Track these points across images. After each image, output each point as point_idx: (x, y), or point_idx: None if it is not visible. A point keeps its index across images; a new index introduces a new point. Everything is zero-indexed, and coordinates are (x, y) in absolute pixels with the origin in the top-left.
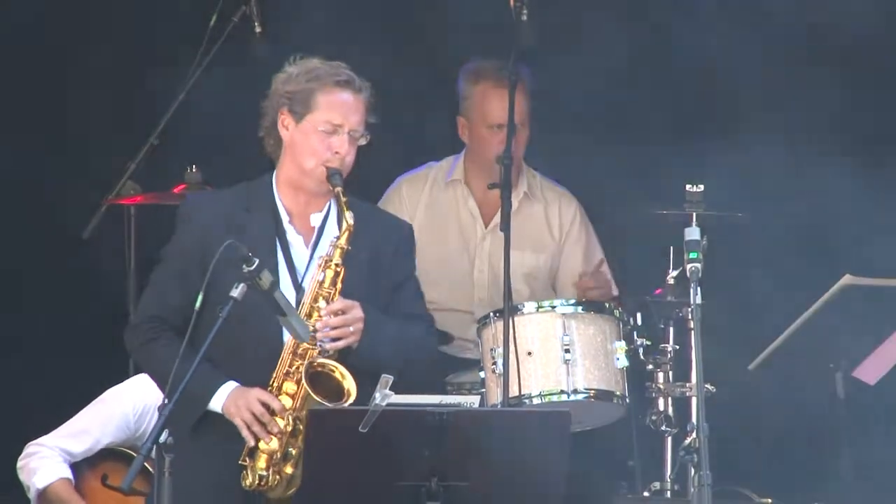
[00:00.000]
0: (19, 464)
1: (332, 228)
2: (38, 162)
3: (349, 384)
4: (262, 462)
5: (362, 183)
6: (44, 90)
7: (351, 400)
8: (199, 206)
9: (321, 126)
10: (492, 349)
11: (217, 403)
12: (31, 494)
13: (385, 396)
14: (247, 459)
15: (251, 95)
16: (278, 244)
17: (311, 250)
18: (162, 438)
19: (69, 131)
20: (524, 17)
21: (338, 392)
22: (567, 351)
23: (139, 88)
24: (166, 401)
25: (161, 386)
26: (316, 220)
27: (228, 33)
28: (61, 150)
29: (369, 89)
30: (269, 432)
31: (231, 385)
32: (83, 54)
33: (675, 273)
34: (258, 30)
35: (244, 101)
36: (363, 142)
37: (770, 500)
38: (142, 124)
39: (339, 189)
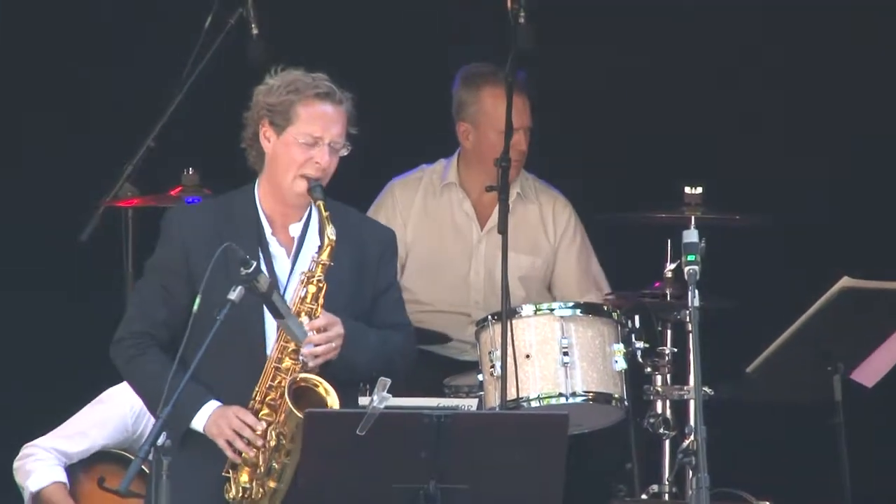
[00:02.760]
0: (15, 465)
1: (312, 238)
2: (36, 163)
3: (333, 400)
4: (244, 475)
5: (355, 187)
6: (43, 92)
7: None
8: (181, 219)
9: (301, 138)
10: (490, 352)
11: (199, 423)
12: (25, 496)
13: (382, 399)
14: (230, 471)
15: (248, 98)
16: (261, 255)
17: (293, 261)
18: (160, 441)
19: (67, 133)
20: (522, 20)
21: (321, 407)
22: (565, 354)
23: (135, 90)
24: (162, 406)
25: (147, 402)
26: (295, 230)
27: (225, 35)
28: (58, 153)
29: (350, 101)
30: (251, 445)
31: (213, 405)
32: (80, 55)
33: (672, 266)
34: (255, 31)
35: (241, 103)
36: (344, 152)
37: (768, 503)
38: (138, 126)
39: (320, 203)
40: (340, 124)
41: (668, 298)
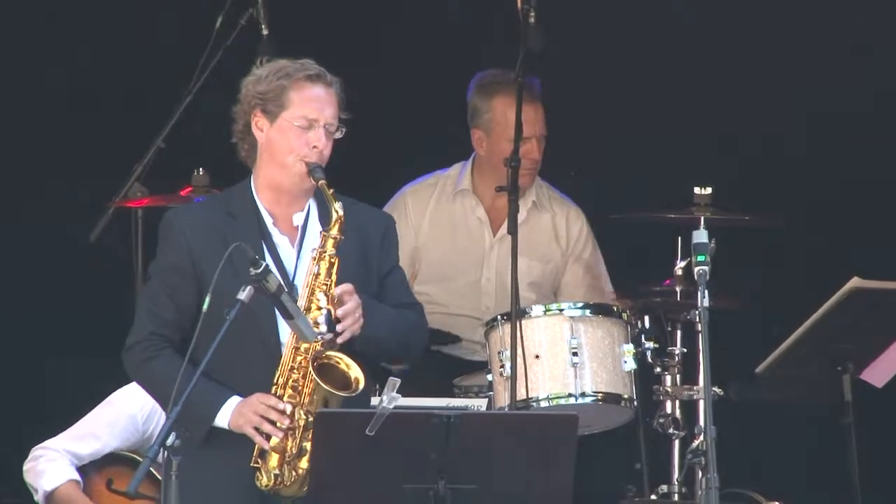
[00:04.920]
0: (25, 466)
1: (314, 226)
2: (45, 164)
3: (356, 373)
4: (273, 461)
5: (364, 189)
6: (50, 92)
7: (360, 388)
8: (181, 219)
9: (297, 122)
10: (499, 352)
11: (223, 420)
12: (39, 497)
13: (392, 399)
14: (258, 461)
15: None
16: (265, 246)
17: (298, 249)
18: (169, 441)
19: (76, 133)
20: (532, 20)
21: (345, 382)
22: (575, 354)
23: (146, 90)
24: (171, 406)
25: (164, 407)
26: (298, 219)
27: (235, 36)
28: (68, 153)
29: (340, 84)
30: (279, 429)
31: (234, 400)
32: (90, 55)
33: (682, 263)
34: (265, 32)
35: None
36: (339, 135)
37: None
38: (149, 127)
39: (322, 182)
40: (333, 106)
41: (679, 296)
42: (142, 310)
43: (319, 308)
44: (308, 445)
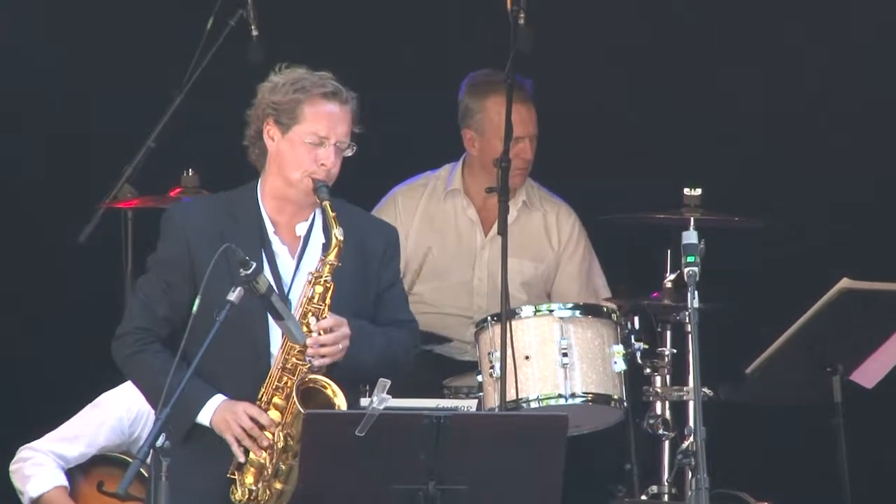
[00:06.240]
0: (12, 468)
1: (317, 237)
2: (35, 165)
3: (340, 401)
4: (250, 477)
5: (356, 190)
6: (43, 92)
7: None
8: (183, 215)
9: (308, 138)
10: (489, 353)
11: (205, 417)
12: (24, 500)
13: (382, 400)
14: (235, 473)
15: (248, 99)
16: (263, 254)
17: (297, 260)
18: (159, 443)
19: (67, 134)
20: (521, 22)
21: (327, 408)
22: (565, 355)
23: (136, 91)
24: (161, 408)
25: (148, 398)
26: (301, 229)
27: (225, 37)
28: (58, 154)
29: (355, 100)
30: (260, 446)
31: (219, 399)
32: (82, 57)
33: (672, 276)
34: (255, 33)
35: (241, 104)
36: (349, 153)
37: None
38: (139, 128)
39: (326, 203)
40: (346, 124)
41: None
42: (135, 300)
43: (311, 332)
44: (284, 467)
